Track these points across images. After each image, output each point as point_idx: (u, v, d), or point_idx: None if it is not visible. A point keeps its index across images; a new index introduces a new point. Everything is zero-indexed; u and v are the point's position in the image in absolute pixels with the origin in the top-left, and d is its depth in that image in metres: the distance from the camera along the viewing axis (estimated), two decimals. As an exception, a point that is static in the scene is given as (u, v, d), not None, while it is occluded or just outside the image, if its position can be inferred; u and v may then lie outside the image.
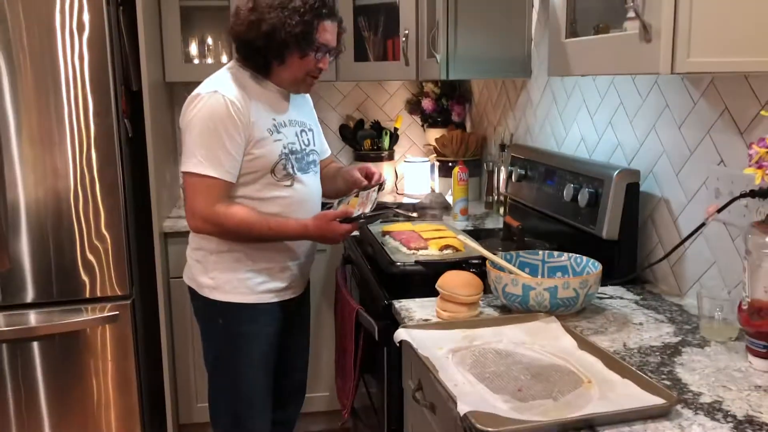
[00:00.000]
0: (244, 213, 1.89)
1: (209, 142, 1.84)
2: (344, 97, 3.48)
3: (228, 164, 1.86)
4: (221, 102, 1.84)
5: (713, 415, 1.12)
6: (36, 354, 2.53)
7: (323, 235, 1.93)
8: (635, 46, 1.24)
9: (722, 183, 1.56)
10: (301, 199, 1.99)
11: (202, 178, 1.85)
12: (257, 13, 1.86)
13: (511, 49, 2.60)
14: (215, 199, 1.86)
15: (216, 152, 1.84)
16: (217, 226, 1.89)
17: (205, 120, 1.84)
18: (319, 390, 2.94)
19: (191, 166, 1.85)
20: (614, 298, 1.73)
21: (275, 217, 1.92)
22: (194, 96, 1.89)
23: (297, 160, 1.98)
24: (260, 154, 1.90)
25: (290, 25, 1.83)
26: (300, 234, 1.94)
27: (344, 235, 1.94)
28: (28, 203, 2.45)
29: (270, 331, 2.04)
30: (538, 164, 2.29)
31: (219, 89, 1.86)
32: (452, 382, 1.22)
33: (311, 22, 1.86)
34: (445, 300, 1.57)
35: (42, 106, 2.42)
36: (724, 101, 1.56)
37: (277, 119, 1.95)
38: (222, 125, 1.83)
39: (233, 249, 1.96)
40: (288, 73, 1.94)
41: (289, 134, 1.98)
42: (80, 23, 2.40)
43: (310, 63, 1.92)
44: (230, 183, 1.89)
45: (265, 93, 1.96)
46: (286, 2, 1.85)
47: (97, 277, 2.54)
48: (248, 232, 1.90)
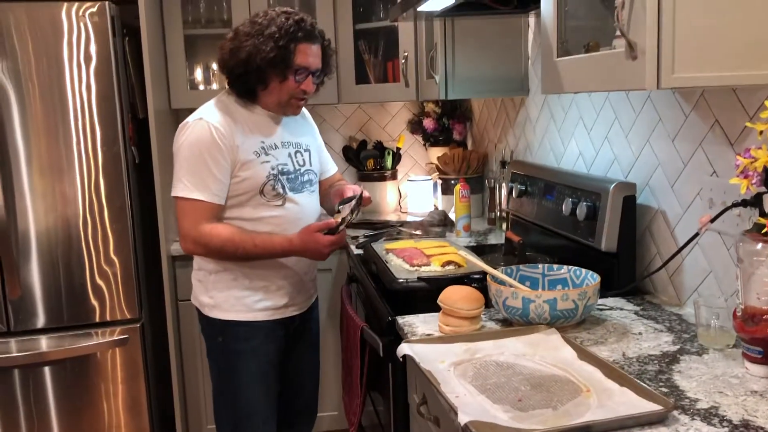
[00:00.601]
0: (229, 231, 1.95)
1: (195, 167, 1.92)
2: (347, 119, 3.54)
3: (214, 187, 1.93)
4: (206, 128, 1.93)
5: (709, 420, 1.14)
6: (48, 378, 2.57)
7: (307, 247, 1.98)
8: (622, 64, 1.28)
9: (715, 193, 1.59)
10: (294, 218, 2.04)
11: (190, 202, 1.93)
12: (236, 41, 1.95)
13: (509, 68, 2.66)
14: (202, 220, 1.94)
15: (202, 176, 1.92)
16: (204, 246, 1.96)
17: (191, 146, 1.93)
18: (327, 409, 2.96)
19: (179, 190, 1.94)
20: (614, 309, 1.76)
21: (261, 234, 1.97)
22: (183, 125, 1.98)
23: (289, 180, 2.03)
24: (247, 176, 1.97)
25: (264, 51, 1.90)
26: (285, 248, 1.99)
27: (328, 246, 1.98)
28: (38, 231, 2.51)
29: (269, 349, 2.08)
30: (538, 180, 2.32)
31: (204, 117, 1.96)
32: (454, 394, 1.25)
33: (287, 47, 1.92)
34: (447, 315, 1.60)
35: (51, 136, 2.48)
36: (714, 114, 1.60)
37: (266, 142, 2.02)
38: (207, 150, 1.92)
39: (229, 268, 2.03)
40: (272, 97, 2.01)
41: (279, 156, 2.03)
42: (87, 54, 2.47)
43: (292, 86, 1.98)
44: (217, 205, 1.96)
45: (253, 117, 2.03)
46: (262, 29, 1.92)
47: (107, 301, 2.58)
48: (234, 250, 1.95)
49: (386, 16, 3.06)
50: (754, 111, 1.46)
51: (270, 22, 1.93)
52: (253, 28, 1.94)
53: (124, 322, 2.62)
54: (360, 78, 3.15)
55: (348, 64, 3.11)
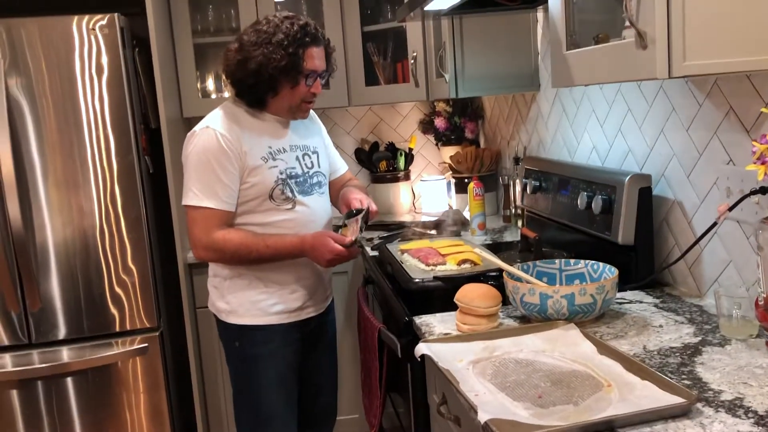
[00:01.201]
0: (241, 235, 1.96)
1: (204, 175, 1.93)
2: (358, 122, 3.54)
3: (223, 194, 1.94)
4: (212, 136, 1.93)
5: (734, 411, 1.13)
6: (70, 389, 2.59)
7: (315, 248, 1.96)
8: (632, 54, 1.26)
9: (732, 182, 1.57)
10: (305, 221, 2.04)
11: (200, 210, 1.94)
12: (243, 52, 1.94)
13: (519, 64, 2.64)
14: (214, 227, 1.94)
15: (211, 184, 1.93)
16: (218, 252, 1.97)
17: (198, 155, 1.94)
18: (348, 412, 2.95)
19: (189, 199, 1.95)
20: (633, 302, 1.74)
21: (273, 236, 1.98)
22: (191, 133, 1.99)
23: (298, 183, 2.04)
24: (256, 181, 1.97)
25: (275, 59, 1.90)
26: (297, 247, 1.98)
27: (331, 253, 1.95)
28: (56, 244, 2.53)
29: (286, 352, 2.08)
30: (552, 175, 2.31)
31: (210, 124, 1.96)
32: (473, 393, 1.24)
33: (296, 53, 1.92)
34: (465, 313, 1.60)
35: (66, 149, 2.51)
36: (729, 101, 1.58)
37: (273, 146, 2.02)
38: (214, 158, 1.92)
39: (243, 273, 2.03)
40: (283, 103, 2.01)
41: (288, 159, 2.03)
42: (99, 66, 2.49)
43: (303, 90, 1.99)
44: (228, 212, 1.96)
45: (260, 123, 2.03)
46: (269, 37, 1.92)
47: (126, 310, 2.60)
48: (248, 254, 1.96)
49: (393, 17, 3.06)
50: (769, 96, 1.44)
51: (275, 29, 1.93)
52: (259, 37, 1.93)
53: (143, 331, 2.63)
54: (370, 80, 3.15)
55: (357, 66, 3.11)
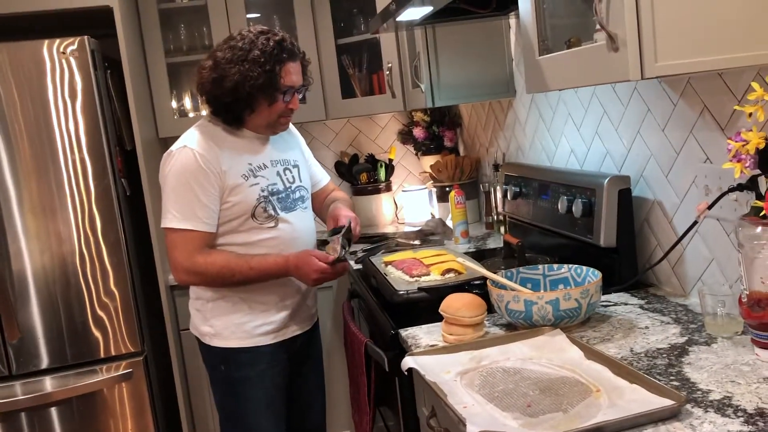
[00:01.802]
0: (223, 258, 1.92)
1: (183, 196, 1.88)
2: (336, 135, 3.53)
3: (203, 215, 1.89)
4: (190, 156, 1.89)
5: (724, 411, 1.12)
6: (55, 419, 2.54)
7: (299, 266, 1.93)
8: (604, 57, 1.26)
9: (710, 180, 1.58)
10: (289, 238, 2.01)
11: (180, 232, 1.89)
12: (219, 69, 1.89)
13: (494, 71, 2.65)
14: (195, 250, 1.90)
15: (190, 205, 1.88)
16: (200, 275, 1.92)
17: (176, 175, 1.89)
18: (338, 428, 2.93)
19: (168, 221, 1.90)
20: (618, 304, 1.73)
21: (255, 257, 1.94)
22: (168, 153, 1.94)
23: (279, 200, 2.00)
24: (237, 200, 1.93)
25: (252, 77, 1.86)
26: (281, 267, 1.94)
27: (317, 272, 1.93)
28: (35, 271, 2.49)
29: (274, 373, 2.04)
30: (532, 180, 2.31)
31: (188, 144, 1.91)
32: (461, 405, 1.22)
33: (273, 70, 1.88)
34: (450, 323, 1.58)
35: (41, 175, 2.47)
36: (703, 100, 1.58)
37: (253, 163, 1.98)
38: (193, 178, 1.88)
39: (227, 295, 1.99)
40: (260, 119, 1.97)
41: (269, 176, 2.00)
42: (71, 90, 2.46)
43: (280, 107, 1.95)
44: (209, 233, 1.92)
45: (239, 141, 1.99)
46: (245, 54, 1.87)
47: (109, 335, 2.56)
48: (231, 276, 1.92)
49: (367, 29, 3.06)
50: (742, 93, 1.44)
51: (251, 45, 1.88)
52: (234, 54, 1.88)
53: (127, 356, 2.59)
54: (346, 92, 3.14)
55: (333, 80, 3.10)
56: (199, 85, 1.96)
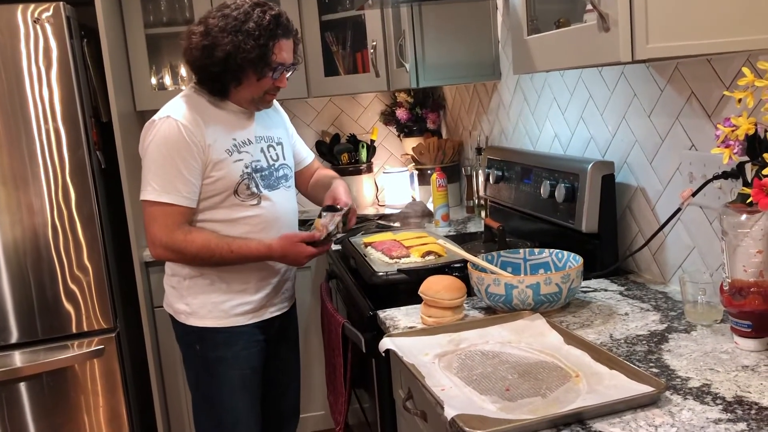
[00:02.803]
0: (203, 238, 1.86)
1: (164, 168, 1.81)
2: (318, 113, 3.48)
3: (185, 189, 1.83)
4: (174, 127, 1.81)
5: (702, 398, 1.11)
6: (24, 394, 2.49)
7: (286, 255, 1.90)
8: (595, 37, 1.24)
9: (695, 167, 1.57)
10: (272, 217, 1.95)
11: (160, 206, 1.82)
12: (210, 37, 1.82)
13: (479, 53, 2.62)
14: (174, 225, 1.83)
15: (171, 178, 1.81)
16: (178, 252, 1.86)
17: (158, 147, 1.82)
18: (313, 409, 2.91)
19: (147, 194, 1.83)
20: (598, 290, 1.73)
21: (237, 240, 1.88)
22: (150, 123, 1.87)
23: (263, 177, 1.94)
24: (220, 176, 1.87)
25: (245, 49, 1.80)
26: (264, 254, 1.90)
27: (308, 257, 1.91)
28: (5, 244, 2.43)
29: (249, 354, 1.99)
30: (514, 164, 2.29)
31: (171, 114, 1.84)
32: (439, 387, 1.20)
33: (266, 45, 1.82)
34: (429, 306, 1.56)
35: (13, 144, 2.40)
36: (690, 86, 1.57)
37: (238, 138, 1.92)
38: (176, 150, 1.81)
39: (205, 273, 1.93)
40: (245, 94, 1.91)
41: (253, 152, 1.94)
42: (46, 58, 2.39)
43: (267, 83, 1.89)
44: (189, 208, 1.86)
45: (224, 114, 1.92)
46: (239, 25, 1.80)
47: (81, 311, 2.51)
48: (210, 257, 1.86)
49: (351, 5, 3.00)
50: (730, 80, 1.43)
51: (246, 16, 1.81)
52: (227, 23, 1.81)
53: (99, 332, 2.54)
54: (329, 70, 3.09)
55: (316, 57, 3.05)
56: (187, 50, 1.87)
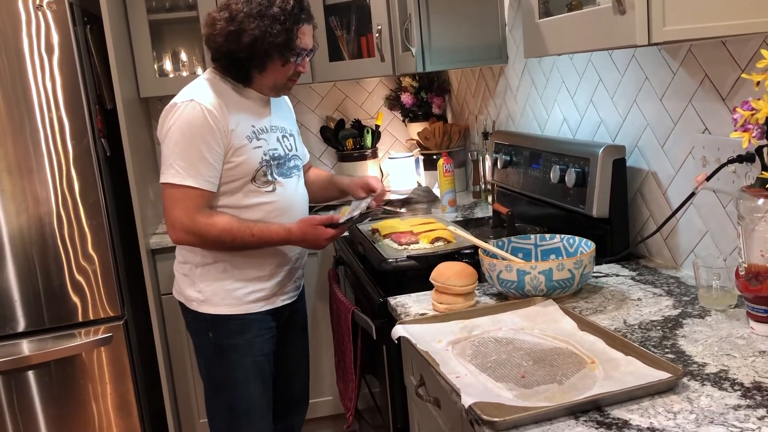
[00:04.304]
0: (225, 221, 1.86)
1: (187, 151, 1.80)
2: (322, 99, 3.46)
3: (207, 173, 1.82)
4: (198, 110, 1.80)
5: (720, 384, 1.11)
6: (32, 383, 2.49)
7: (306, 238, 1.91)
8: (610, 20, 1.22)
9: (708, 151, 1.55)
10: (286, 204, 1.96)
11: (182, 189, 1.81)
12: (236, 23, 1.80)
13: (486, 36, 2.59)
14: (196, 209, 1.83)
15: (194, 162, 1.80)
16: (199, 236, 1.85)
17: (182, 129, 1.80)
18: (323, 395, 2.91)
19: (170, 176, 1.82)
20: (610, 275, 1.72)
21: (258, 224, 1.89)
22: (171, 106, 1.85)
23: (279, 165, 1.95)
24: (240, 162, 1.86)
25: (272, 34, 1.79)
26: (284, 238, 1.91)
27: (328, 239, 1.92)
28: (11, 233, 2.41)
29: (262, 342, 2.00)
30: (523, 149, 2.27)
31: (195, 98, 1.82)
32: (454, 375, 1.20)
33: (291, 29, 1.82)
34: (440, 292, 1.55)
35: (17, 133, 2.38)
36: (704, 69, 1.55)
37: (256, 126, 1.92)
38: (199, 134, 1.80)
39: (219, 260, 1.93)
40: (268, 80, 1.91)
41: (270, 140, 1.94)
42: (49, 45, 2.37)
43: (291, 68, 1.90)
44: (211, 192, 1.85)
45: (244, 100, 1.92)
46: (264, 10, 1.80)
47: (88, 299, 2.50)
48: (231, 241, 1.86)
49: (357, -11, 2.97)
50: (746, 63, 1.41)
51: (270, 1, 1.81)
52: (251, 9, 1.80)
53: (106, 320, 2.53)
54: (334, 55, 3.06)
55: (320, 41, 3.01)
56: (210, 36, 1.85)
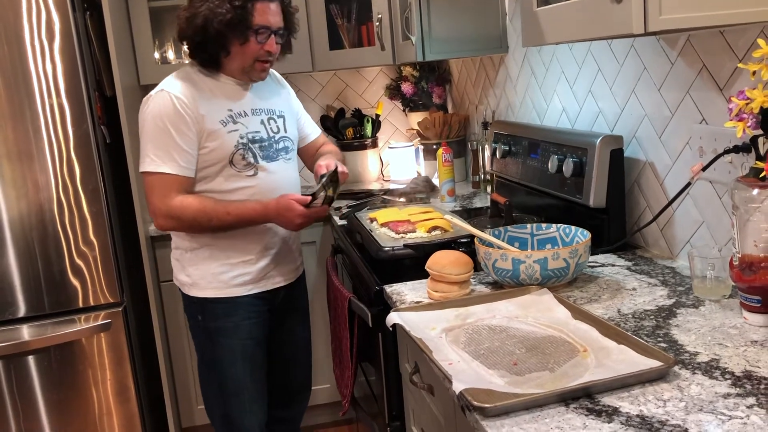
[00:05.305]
0: (199, 202, 1.90)
1: (160, 140, 1.87)
2: (323, 88, 3.45)
3: (181, 159, 1.87)
4: (167, 99, 1.87)
5: (711, 373, 1.11)
6: (32, 368, 2.51)
7: (280, 213, 1.92)
8: (607, 8, 1.22)
9: (705, 141, 1.55)
10: (269, 188, 1.97)
11: (157, 176, 1.88)
12: (191, 8, 1.88)
13: (486, 26, 2.58)
14: (172, 194, 1.88)
15: (167, 149, 1.86)
16: (176, 219, 1.90)
17: (154, 119, 1.88)
18: (320, 383, 2.92)
19: (146, 165, 1.89)
20: (606, 265, 1.72)
21: (234, 202, 1.92)
22: (146, 98, 1.93)
23: (262, 148, 1.97)
24: (214, 146, 1.91)
25: (220, 13, 1.83)
26: (260, 213, 1.93)
27: (300, 217, 1.91)
28: (11, 219, 2.43)
29: (251, 325, 2.03)
30: (521, 139, 2.27)
31: (165, 87, 1.90)
32: (447, 361, 1.20)
33: (243, 6, 1.85)
34: (436, 280, 1.56)
35: (17, 119, 2.39)
36: (702, 59, 1.54)
37: (234, 110, 1.95)
38: (171, 122, 1.86)
39: (205, 244, 1.97)
40: (236, 63, 1.94)
41: (250, 123, 1.97)
42: (49, 31, 2.37)
43: (254, 48, 1.91)
44: (187, 177, 1.90)
45: (220, 85, 1.96)
46: None
47: (88, 285, 2.51)
48: (208, 221, 1.90)
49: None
50: (744, 53, 1.41)
51: None
52: None
53: (106, 306, 2.55)
54: (334, 43, 3.06)
55: (320, 30, 3.01)
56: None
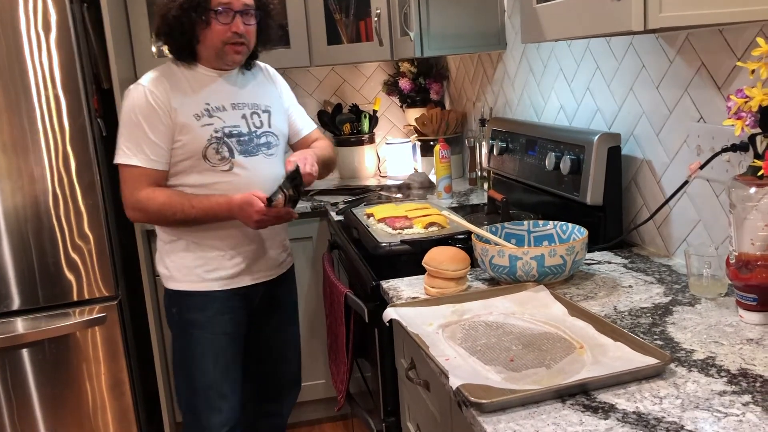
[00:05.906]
0: (164, 195, 1.90)
1: (132, 132, 1.89)
2: (320, 83, 3.45)
3: (152, 152, 1.88)
4: (141, 92, 1.90)
5: (707, 371, 1.11)
6: (26, 361, 2.50)
7: (242, 208, 1.87)
8: (606, 5, 1.22)
9: (703, 140, 1.55)
10: (244, 183, 1.93)
11: (128, 168, 1.90)
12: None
13: (485, 22, 2.58)
14: (141, 186, 1.89)
15: (138, 142, 1.88)
16: (143, 211, 1.92)
17: (128, 112, 1.91)
18: (315, 378, 2.93)
19: (118, 157, 1.92)
20: (602, 263, 1.72)
21: (199, 195, 1.91)
22: (125, 92, 1.95)
23: (240, 143, 1.95)
24: (186, 140, 1.91)
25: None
26: (224, 207, 1.89)
27: (257, 214, 1.85)
28: (6, 211, 2.41)
29: (224, 320, 2.00)
30: (519, 136, 2.27)
31: (142, 81, 1.93)
32: (443, 357, 1.20)
33: None
34: (433, 276, 1.56)
35: (12, 111, 2.38)
36: (701, 57, 1.54)
37: (212, 104, 1.95)
38: (143, 115, 1.88)
39: (181, 237, 1.98)
40: (207, 49, 1.93)
41: (227, 118, 1.95)
42: (46, 23, 2.36)
43: (220, 30, 1.89)
44: (157, 170, 1.91)
45: (199, 77, 1.96)
46: None
47: (83, 278, 2.50)
48: (173, 214, 1.90)
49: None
50: (742, 51, 1.41)
51: None
52: None
53: (101, 299, 2.54)
54: (332, 38, 3.05)
55: (318, 24, 3.01)
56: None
